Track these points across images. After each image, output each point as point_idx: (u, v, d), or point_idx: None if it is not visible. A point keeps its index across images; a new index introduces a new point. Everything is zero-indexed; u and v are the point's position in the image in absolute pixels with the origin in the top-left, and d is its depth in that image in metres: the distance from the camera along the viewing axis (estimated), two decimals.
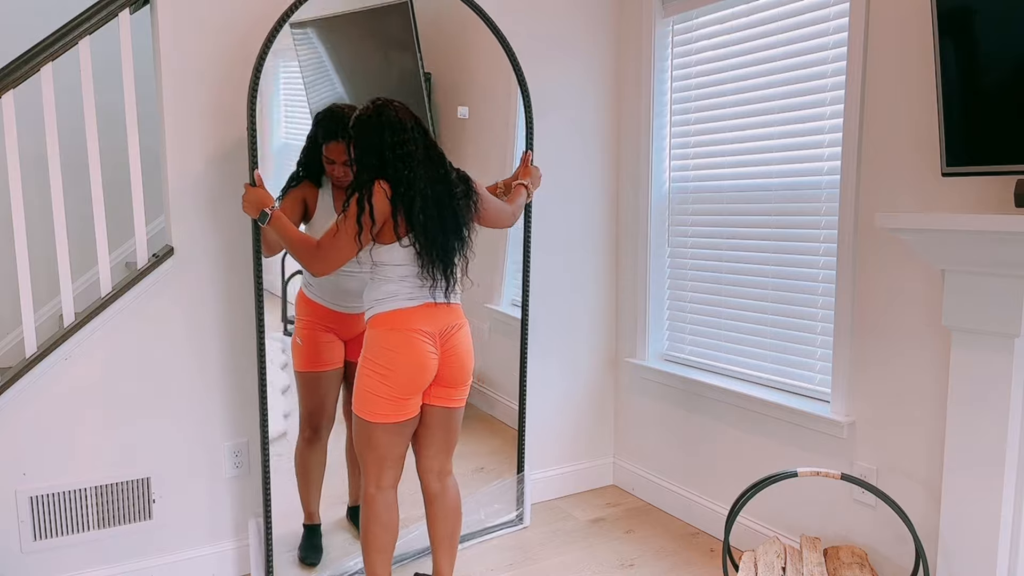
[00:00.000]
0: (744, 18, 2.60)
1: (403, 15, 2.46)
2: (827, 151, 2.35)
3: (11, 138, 2.09)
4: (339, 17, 2.41)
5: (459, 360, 2.12)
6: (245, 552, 2.51)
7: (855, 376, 2.26)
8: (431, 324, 2.05)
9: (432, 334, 2.05)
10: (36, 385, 2.18)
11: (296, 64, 2.38)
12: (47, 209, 3.24)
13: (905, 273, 2.11)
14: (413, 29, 2.47)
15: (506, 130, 2.79)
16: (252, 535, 2.35)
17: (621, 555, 2.63)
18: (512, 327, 2.87)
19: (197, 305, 2.38)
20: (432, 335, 2.05)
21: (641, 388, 3.10)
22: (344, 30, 2.42)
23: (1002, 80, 1.70)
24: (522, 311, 2.83)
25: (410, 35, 2.47)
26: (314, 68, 2.40)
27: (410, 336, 2.02)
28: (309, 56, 2.40)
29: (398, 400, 2.04)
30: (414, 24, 2.47)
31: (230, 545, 2.50)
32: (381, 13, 2.45)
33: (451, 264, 2.05)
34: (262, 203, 2.10)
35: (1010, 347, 1.80)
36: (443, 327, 2.08)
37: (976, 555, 1.90)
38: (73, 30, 2.13)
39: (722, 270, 2.76)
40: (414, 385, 2.05)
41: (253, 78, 2.16)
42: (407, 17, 2.46)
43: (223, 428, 2.46)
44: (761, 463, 2.59)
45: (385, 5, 2.45)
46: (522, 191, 2.42)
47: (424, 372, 2.04)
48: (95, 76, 3.16)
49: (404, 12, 2.46)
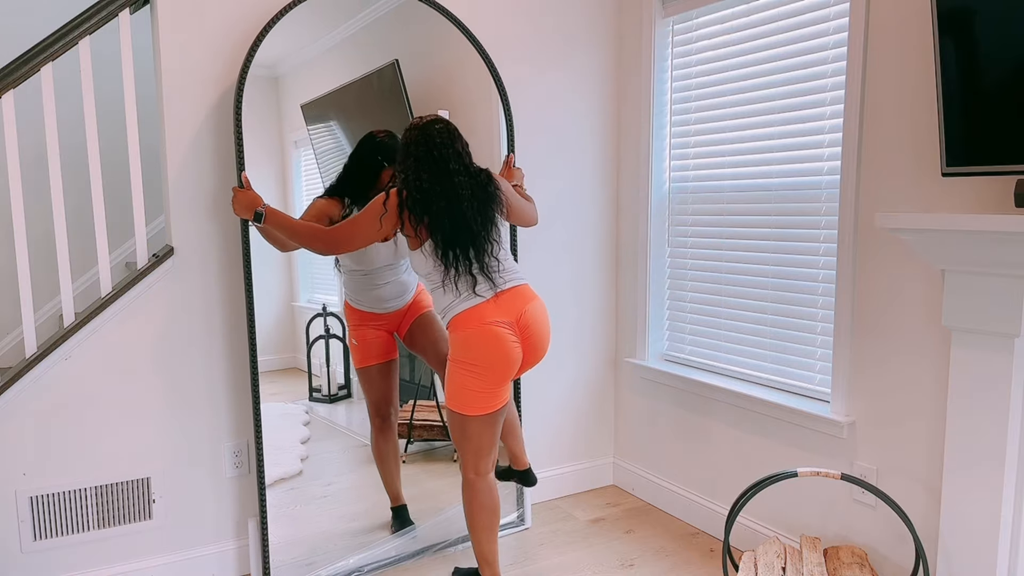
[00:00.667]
0: (744, 18, 2.60)
1: (392, 74, 2.59)
2: (827, 151, 2.35)
3: (11, 138, 2.09)
4: (339, 90, 2.54)
5: (539, 340, 2.18)
6: (245, 552, 2.51)
7: (855, 376, 2.26)
8: (505, 314, 2.10)
9: (509, 323, 2.11)
10: (36, 385, 2.18)
11: (312, 151, 2.53)
12: (47, 209, 3.24)
13: (905, 273, 2.11)
14: (402, 87, 2.60)
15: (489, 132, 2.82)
16: (252, 536, 2.35)
17: (621, 555, 2.63)
18: None
19: (197, 305, 2.38)
20: (510, 324, 2.11)
21: (641, 388, 3.10)
22: (344, 99, 2.55)
23: (1002, 80, 1.70)
24: None
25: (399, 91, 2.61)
26: (327, 142, 2.54)
27: (490, 329, 2.08)
28: (322, 136, 2.54)
29: (490, 391, 2.11)
30: (402, 82, 2.60)
31: (230, 545, 2.50)
32: (374, 77, 2.58)
33: (485, 256, 2.11)
34: (253, 204, 2.14)
35: (1010, 347, 1.80)
36: (517, 312, 2.13)
37: (976, 555, 1.90)
38: (73, 30, 2.13)
39: (722, 270, 2.76)
40: (504, 376, 2.12)
41: (239, 80, 2.18)
42: (396, 76, 2.59)
43: (223, 428, 2.46)
44: (761, 463, 2.59)
45: (377, 70, 2.58)
46: (522, 191, 2.47)
47: (511, 362, 2.11)
48: (95, 76, 3.17)
49: (392, 72, 2.59)
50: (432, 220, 2.06)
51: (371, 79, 2.55)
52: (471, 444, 2.16)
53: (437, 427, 2.81)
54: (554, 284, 3.04)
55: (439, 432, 2.82)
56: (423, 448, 2.84)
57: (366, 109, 2.56)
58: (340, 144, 2.51)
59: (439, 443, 2.85)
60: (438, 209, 2.06)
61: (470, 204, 2.09)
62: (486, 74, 2.72)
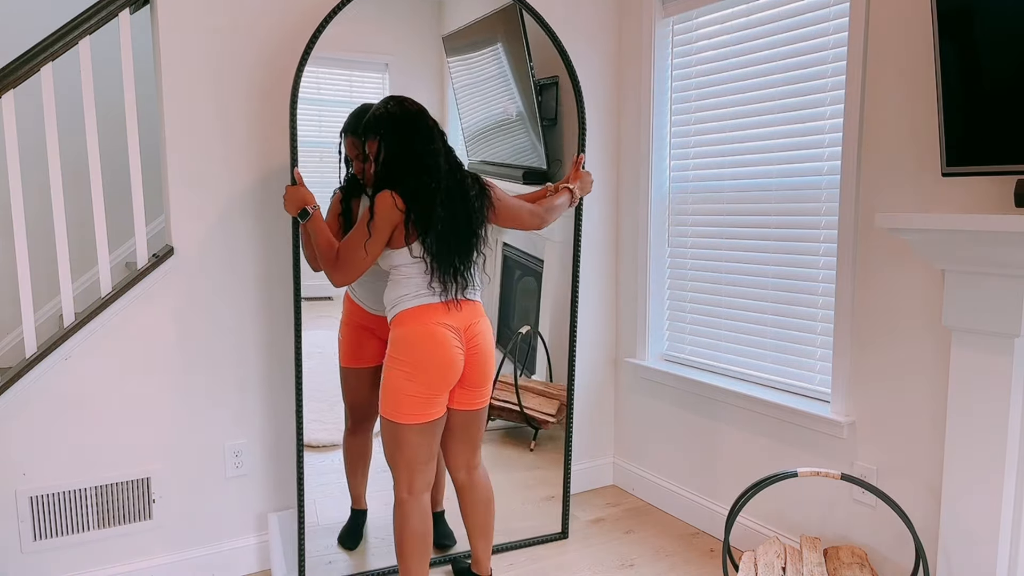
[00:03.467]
0: (744, 18, 2.60)
1: (512, 16, 2.54)
2: (827, 151, 2.35)
3: (11, 138, 2.09)
4: (466, 29, 2.49)
5: (483, 356, 2.10)
6: (245, 552, 2.51)
7: (855, 376, 2.26)
8: (455, 319, 2.04)
9: (457, 328, 2.04)
10: (36, 385, 2.18)
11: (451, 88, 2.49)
12: (47, 209, 3.24)
13: (905, 273, 2.11)
14: (522, 29, 2.55)
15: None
16: (275, 529, 2.34)
17: (621, 555, 2.63)
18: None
19: (197, 305, 2.38)
20: (457, 329, 2.04)
21: (641, 388, 3.10)
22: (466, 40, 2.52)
23: (1002, 80, 1.70)
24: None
25: (519, 35, 2.56)
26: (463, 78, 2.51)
27: (436, 329, 2.00)
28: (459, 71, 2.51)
29: (427, 398, 2.02)
30: (523, 24, 2.54)
31: (230, 545, 2.50)
32: (493, 19, 2.54)
33: (467, 264, 2.06)
34: (303, 201, 2.08)
35: (1010, 347, 1.80)
36: (466, 323, 2.07)
37: (976, 555, 1.90)
38: (73, 30, 2.13)
39: (722, 270, 2.76)
40: (443, 381, 2.03)
41: (296, 77, 2.16)
42: (516, 18, 2.54)
43: (223, 428, 2.46)
44: (761, 463, 2.59)
45: (495, 11, 2.52)
46: (564, 193, 2.38)
47: (453, 366, 2.03)
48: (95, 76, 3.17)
49: (513, 14, 2.54)
50: (442, 226, 1.99)
51: (493, 18, 2.50)
52: (404, 457, 2.04)
53: (516, 411, 2.72)
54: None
55: (518, 416, 2.71)
56: (504, 426, 2.69)
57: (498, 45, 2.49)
58: (476, 80, 2.45)
59: (519, 425, 2.74)
60: (444, 220, 1.99)
61: (463, 205, 2.04)
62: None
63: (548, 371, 2.80)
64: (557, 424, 2.80)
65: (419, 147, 2.00)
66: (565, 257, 2.76)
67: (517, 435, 2.77)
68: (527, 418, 2.76)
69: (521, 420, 2.76)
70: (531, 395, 2.76)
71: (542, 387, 2.79)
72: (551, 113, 2.67)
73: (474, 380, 2.12)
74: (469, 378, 2.11)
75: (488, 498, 2.27)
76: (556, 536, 2.76)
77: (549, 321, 2.80)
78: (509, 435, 2.75)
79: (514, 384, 2.73)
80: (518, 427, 2.77)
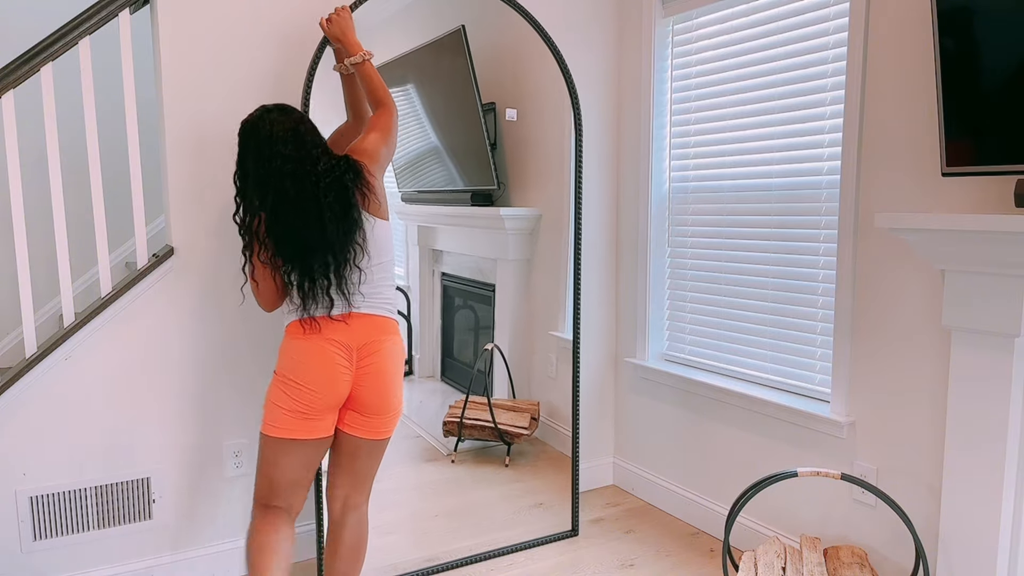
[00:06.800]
0: (744, 18, 2.60)
1: (457, 42, 2.53)
2: (827, 151, 2.35)
3: (11, 138, 2.09)
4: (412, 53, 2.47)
5: (378, 380, 1.88)
6: (245, 552, 2.51)
7: (855, 376, 2.26)
8: (345, 335, 1.85)
9: (347, 346, 1.85)
10: (36, 385, 2.18)
11: None
12: (47, 209, 3.24)
13: (905, 273, 2.11)
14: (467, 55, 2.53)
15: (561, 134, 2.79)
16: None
17: (621, 555, 2.63)
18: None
19: (197, 305, 2.38)
20: (347, 347, 1.85)
21: (641, 388, 3.10)
22: (409, 67, 2.50)
23: (1002, 80, 1.70)
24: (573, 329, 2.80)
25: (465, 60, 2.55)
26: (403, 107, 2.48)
27: (319, 344, 1.83)
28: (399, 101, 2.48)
29: (300, 416, 1.84)
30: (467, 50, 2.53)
31: (230, 545, 2.50)
32: (437, 46, 2.52)
33: (326, 274, 1.82)
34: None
35: (1010, 347, 1.80)
36: (361, 341, 1.87)
37: (976, 555, 1.90)
38: (73, 30, 2.13)
39: (722, 270, 2.76)
40: (319, 400, 1.84)
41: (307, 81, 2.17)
42: (461, 44, 2.53)
43: (223, 428, 2.46)
44: (761, 463, 2.59)
45: (441, 37, 2.52)
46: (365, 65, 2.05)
47: (332, 387, 1.84)
48: (95, 76, 3.17)
49: (458, 39, 2.53)
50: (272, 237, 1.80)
51: (437, 45, 2.49)
52: (264, 472, 1.88)
53: (488, 427, 2.74)
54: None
55: (490, 432, 2.74)
56: (475, 447, 2.70)
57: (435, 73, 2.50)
58: (415, 109, 2.43)
59: (491, 443, 2.77)
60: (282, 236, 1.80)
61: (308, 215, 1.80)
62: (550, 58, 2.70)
63: (510, 388, 2.82)
64: (529, 437, 2.84)
65: (248, 165, 1.84)
66: (520, 274, 2.79)
67: (489, 454, 2.80)
68: (501, 434, 2.78)
69: (495, 437, 2.78)
70: (501, 411, 2.79)
71: (511, 403, 2.82)
72: (491, 137, 2.71)
73: (367, 405, 1.89)
74: (359, 402, 1.89)
75: (356, 546, 1.99)
76: (567, 534, 2.77)
77: (508, 339, 2.81)
78: (482, 455, 2.78)
79: (487, 402, 2.76)
80: (488, 446, 2.80)
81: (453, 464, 2.75)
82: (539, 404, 2.87)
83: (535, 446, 2.88)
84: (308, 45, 2.47)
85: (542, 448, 2.88)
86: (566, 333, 2.85)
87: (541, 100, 2.76)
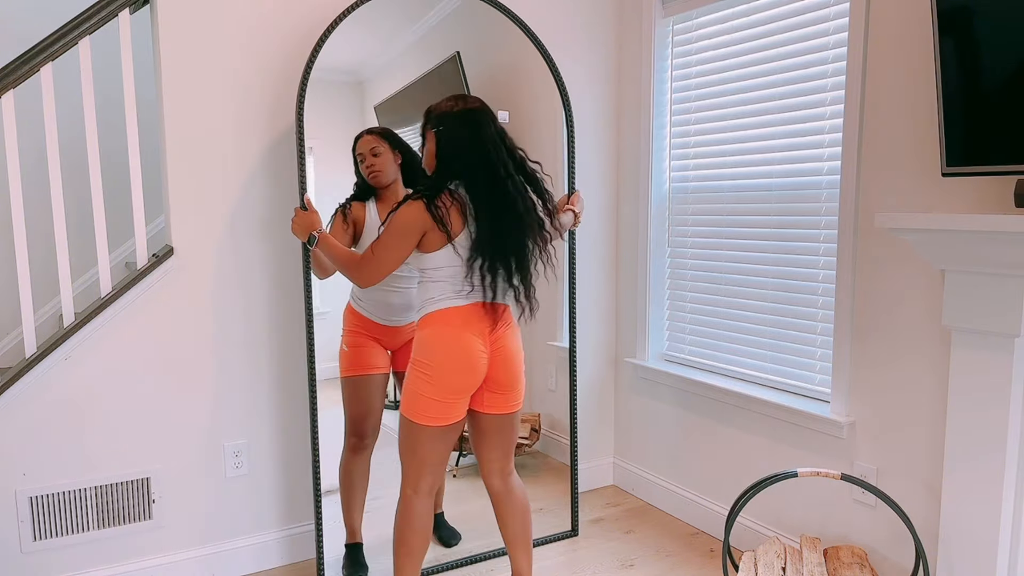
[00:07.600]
0: (744, 18, 2.60)
1: (453, 68, 2.57)
2: (827, 151, 2.35)
3: (11, 138, 2.09)
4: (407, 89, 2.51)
5: (508, 356, 2.06)
6: (244, 552, 2.51)
7: (855, 376, 2.26)
8: (482, 322, 2.01)
9: (482, 331, 2.01)
10: (36, 385, 2.18)
11: None
12: (47, 209, 3.24)
13: (905, 273, 2.11)
14: (462, 78, 2.59)
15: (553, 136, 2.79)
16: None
17: (621, 555, 2.63)
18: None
19: (197, 305, 2.38)
20: (482, 332, 2.01)
21: (641, 388, 3.10)
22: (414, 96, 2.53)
23: (1002, 80, 1.70)
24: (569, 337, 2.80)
25: (460, 83, 2.59)
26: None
27: (459, 333, 1.98)
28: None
29: (444, 402, 1.99)
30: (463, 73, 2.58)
31: (229, 545, 2.50)
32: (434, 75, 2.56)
33: (508, 267, 2.01)
34: (311, 226, 2.10)
35: (1010, 347, 1.80)
36: (493, 325, 2.04)
37: (976, 555, 1.90)
38: (73, 30, 2.13)
39: (722, 270, 2.76)
40: (462, 385, 2.00)
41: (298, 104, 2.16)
42: (456, 69, 2.57)
43: (223, 428, 2.46)
44: (761, 463, 2.59)
45: (437, 66, 2.55)
46: (568, 213, 2.39)
47: (473, 372, 2.00)
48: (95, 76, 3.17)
49: (454, 65, 2.57)
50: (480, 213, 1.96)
51: (434, 74, 2.52)
52: (415, 457, 2.04)
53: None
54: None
55: None
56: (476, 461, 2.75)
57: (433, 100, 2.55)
58: (414, 144, 2.46)
59: None
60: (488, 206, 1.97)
61: (515, 211, 2.00)
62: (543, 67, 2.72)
63: None
64: (531, 448, 2.86)
65: (479, 143, 1.98)
66: None
67: None
68: None
69: None
70: None
71: None
72: None
73: (502, 382, 2.08)
74: (496, 380, 2.07)
75: (525, 507, 2.23)
76: (567, 534, 2.78)
77: None
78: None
79: None
80: None
81: (455, 478, 2.77)
82: (539, 416, 2.87)
83: (536, 458, 2.91)
84: (308, 44, 2.47)
85: (543, 460, 2.90)
86: (564, 342, 2.85)
87: (535, 104, 2.76)
